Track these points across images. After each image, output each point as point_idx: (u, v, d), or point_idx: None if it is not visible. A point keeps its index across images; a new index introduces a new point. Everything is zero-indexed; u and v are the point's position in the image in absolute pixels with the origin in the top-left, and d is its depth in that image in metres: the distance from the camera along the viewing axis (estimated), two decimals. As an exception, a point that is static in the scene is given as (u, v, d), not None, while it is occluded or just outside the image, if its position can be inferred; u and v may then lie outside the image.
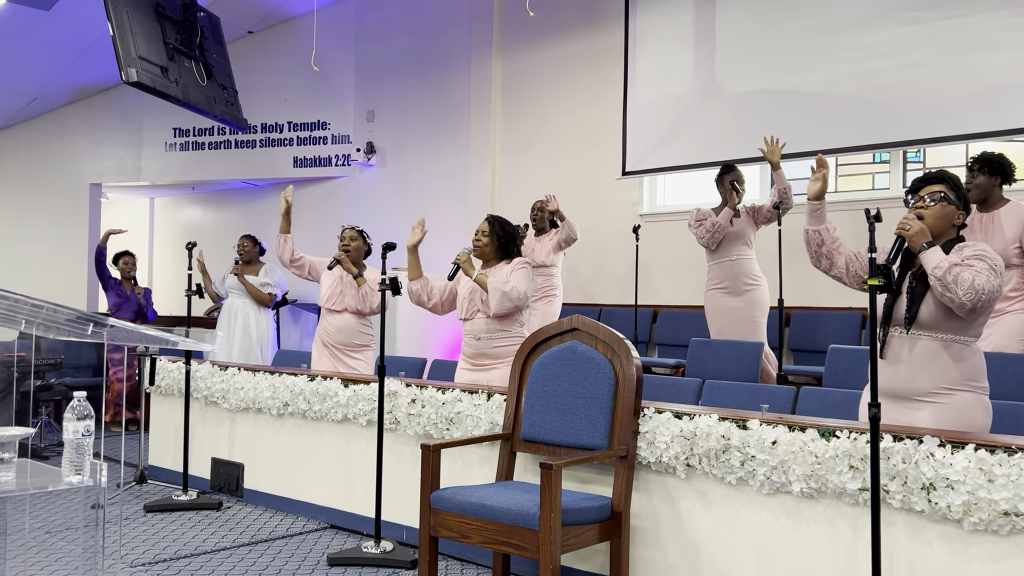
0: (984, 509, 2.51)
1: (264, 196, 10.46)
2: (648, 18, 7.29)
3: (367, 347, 5.29)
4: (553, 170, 7.96)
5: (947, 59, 5.71)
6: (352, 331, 5.21)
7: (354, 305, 5.18)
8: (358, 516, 4.39)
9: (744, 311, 5.52)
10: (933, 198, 2.95)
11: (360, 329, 5.24)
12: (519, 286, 4.20)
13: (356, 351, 5.24)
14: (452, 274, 4.38)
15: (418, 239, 4.45)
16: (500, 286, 4.16)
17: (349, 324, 5.21)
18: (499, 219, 4.44)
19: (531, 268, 4.38)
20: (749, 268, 5.55)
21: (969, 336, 2.89)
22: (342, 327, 5.22)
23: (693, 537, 3.16)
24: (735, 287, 5.56)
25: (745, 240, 5.55)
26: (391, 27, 9.29)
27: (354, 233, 5.29)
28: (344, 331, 5.21)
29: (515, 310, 4.25)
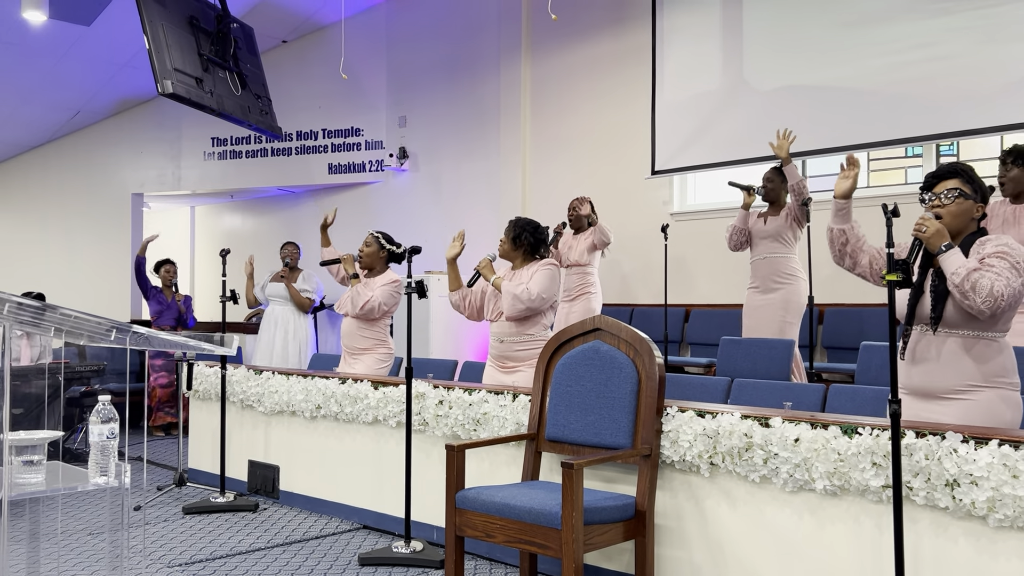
0: (1009, 505, 2.48)
1: (301, 203, 10.61)
2: (675, 17, 7.27)
3: (369, 351, 5.26)
4: (583, 171, 7.98)
5: (978, 50, 5.62)
6: (352, 335, 5.27)
7: (350, 309, 5.23)
8: (389, 516, 4.45)
9: (772, 310, 5.45)
10: (949, 196, 2.89)
11: (359, 333, 5.25)
12: (532, 288, 4.21)
13: (357, 354, 5.29)
14: (472, 281, 4.47)
15: (457, 252, 4.51)
16: (512, 289, 4.21)
17: (349, 328, 5.29)
18: (517, 220, 4.47)
19: (557, 269, 4.39)
20: (780, 266, 5.46)
21: (996, 332, 2.84)
22: (345, 331, 5.32)
23: (718, 535, 3.16)
24: (765, 285, 5.50)
25: (779, 239, 5.46)
26: (421, 33, 9.38)
27: (370, 239, 5.33)
28: (347, 335, 5.31)
29: (528, 312, 4.24)
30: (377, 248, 5.30)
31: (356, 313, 5.16)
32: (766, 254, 5.51)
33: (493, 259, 4.46)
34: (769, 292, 5.47)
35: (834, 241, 3.16)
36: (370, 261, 5.30)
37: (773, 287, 5.46)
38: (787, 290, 5.44)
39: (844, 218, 3.14)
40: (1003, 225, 4.46)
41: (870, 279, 3.15)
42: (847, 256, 3.15)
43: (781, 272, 5.45)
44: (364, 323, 5.25)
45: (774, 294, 5.45)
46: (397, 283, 5.25)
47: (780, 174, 5.49)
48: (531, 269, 4.36)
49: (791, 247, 5.47)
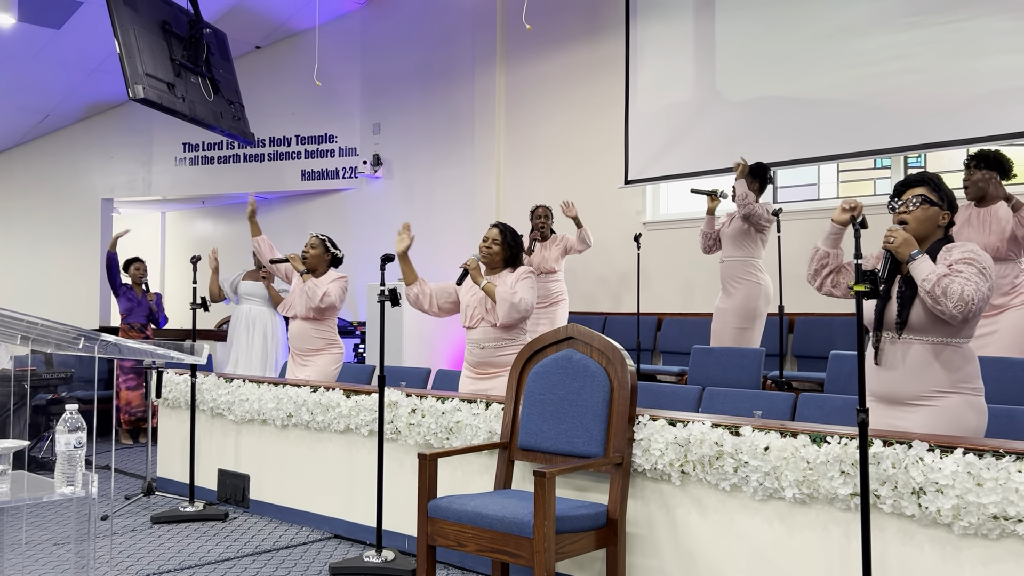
0: (973, 513, 2.52)
1: (273, 209, 10.55)
2: (648, 28, 7.33)
3: (322, 351, 5.30)
4: (557, 179, 8.01)
5: (947, 64, 5.72)
6: (303, 336, 5.28)
7: (302, 310, 5.23)
8: (361, 526, 4.43)
9: (729, 316, 5.56)
10: (915, 201, 2.96)
11: (312, 334, 5.28)
12: (526, 296, 4.25)
13: (309, 355, 5.30)
14: (460, 279, 4.39)
15: (406, 245, 4.46)
16: (508, 297, 4.20)
17: (300, 329, 5.29)
18: (509, 227, 4.47)
19: (535, 277, 4.41)
20: (737, 270, 5.57)
21: (961, 338, 2.89)
22: (295, 333, 5.32)
23: (689, 543, 3.18)
24: (726, 289, 5.64)
25: (739, 242, 5.56)
26: (396, 41, 9.38)
27: (316, 241, 5.37)
28: (297, 337, 5.31)
29: (521, 320, 4.29)
30: (323, 250, 5.35)
31: (315, 306, 5.18)
32: (726, 257, 5.64)
33: (480, 260, 4.40)
34: (729, 296, 5.59)
35: (815, 260, 3.21)
36: (315, 263, 5.33)
37: (731, 290, 5.58)
38: (742, 294, 5.53)
39: (834, 243, 3.19)
40: (966, 227, 4.57)
41: (837, 293, 3.20)
42: (820, 276, 3.20)
43: (738, 276, 5.55)
44: (316, 324, 5.28)
45: (732, 298, 5.56)
46: (344, 279, 5.34)
47: (750, 175, 5.58)
48: (512, 276, 4.34)
49: (750, 250, 5.55)
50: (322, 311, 5.26)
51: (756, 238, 5.55)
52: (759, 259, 5.57)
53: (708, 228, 5.75)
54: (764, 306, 5.55)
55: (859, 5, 6.12)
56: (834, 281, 3.17)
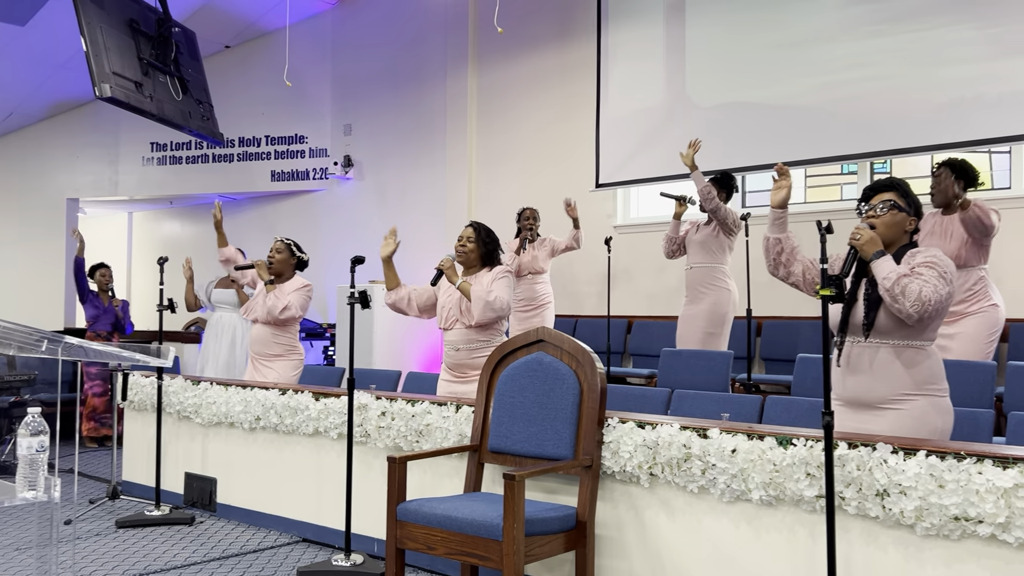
0: (935, 514, 2.56)
1: (243, 210, 10.46)
2: (619, 33, 7.37)
3: (281, 357, 5.27)
4: (529, 182, 8.02)
5: (911, 72, 5.81)
6: (264, 341, 5.25)
7: (262, 315, 5.21)
8: (329, 529, 4.40)
9: (697, 321, 5.62)
10: (884, 207, 3.00)
11: (272, 339, 5.25)
12: (502, 296, 4.19)
13: (269, 360, 5.27)
14: (435, 279, 4.35)
15: (391, 250, 4.42)
16: (484, 295, 4.15)
17: (260, 334, 5.26)
18: (484, 226, 4.43)
19: (512, 277, 4.39)
20: (705, 276, 5.63)
21: (924, 341, 2.94)
22: (256, 337, 5.29)
23: (657, 545, 3.20)
24: (693, 295, 5.68)
25: (707, 248, 5.61)
26: (367, 42, 9.35)
27: (281, 245, 5.34)
28: (257, 341, 5.28)
29: (497, 319, 4.24)
30: (288, 255, 5.33)
31: (275, 318, 5.15)
32: (694, 264, 5.68)
33: (455, 259, 4.35)
34: (696, 302, 5.64)
35: (769, 250, 3.24)
36: (281, 267, 5.31)
37: (699, 296, 5.63)
38: (710, 300, 5.59)
39: (780, 227, 3.21)
40: (930, 235, 4.64)
41: (803, 288, 3.22)
42: (781, 265, 3.22)
43: (706, 282, 5.61)
44: (277, 329, 5.25)
45: (700, 304, 5.62)
46: (308, 287, 5.32)
47: (717, 184, 5.63)
48: (488, 276, 4.30)
49: (718, 257, 5.60)
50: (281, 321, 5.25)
51: (724, 245, 5.61)
52: (726, 266, 5.64)
53: (673, 233, 5.82)
54: (732, 312, 5.62)
55: (827, 14, 6.20)
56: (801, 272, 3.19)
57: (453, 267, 4.29)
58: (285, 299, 5.16)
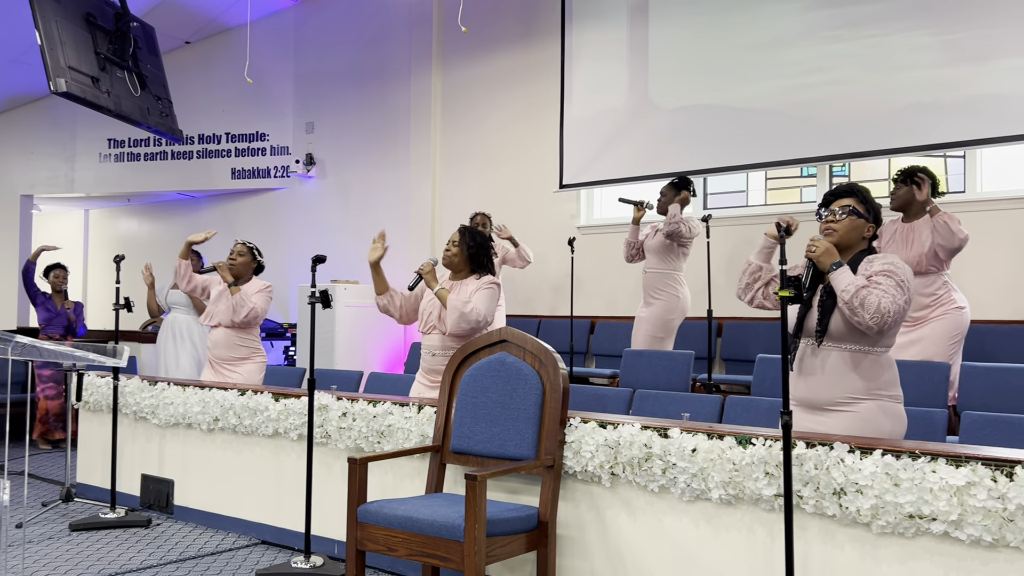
0: (891, 512, 2.60)
1: (202, 208, 10.32)
2: (584, 34, 7.40)
3: (246, 359, 5.24)
4: (493, 182, 8.01)
5: (869, 77, 5.90)
6: (225, 344, 5.20)
7: (226, 318, 5.16)
8: (289, 531, 4.36)
9: (647, 325, 5.70)
10: (843, 211, 3.04)
11: (236, 342, 5.20)
12: (479, 307, 4.06)
13: (233, 364, 5.22)
14: (413, 284, 4.28)
15: (379, 254, 4.31)
16: (459, 305, 4.02)
17: (222, 338, 5.21)
18: (471, 229, 4.32)
19: (498, 289, 4.25)
20: (658, 281, 5.70)
21: (879, 347, 2.98)
22: (217, 341, 5.23)
23: (618, 545, 3.21)
24: (647, 298, 5.77)
25: (661, 253, 5.67)
26: (330, 39, 9.27)
27: (243, 248, 5.30)
28: (219, 345, 5.22)
29: (472, 332, 4.06)
30: (250, 258, 5.30)
31: (241, 321, 5.12)
32: (648, 268, 5.75)
33: (435, 263, 4.27)
34: (648, 306, 5.71)
35: (747, 274, 3.29)
36: (241, 270, 5.26)
37: (651, 300, 5.71)
38: (660, 305, 5.68)
39: (767, 257, 3.28)
40: (892, 242, 4.71)
41: (768, 304, 3.27)
42: (751, 290, 3.28)
43: (659, 287, 5.69)
44: (239, 332, 5.21)
45: (651, 308, 5.70)
46: (270, 288, 5.31)
47: (674, 189, 5.68)
48: (474, 284, 4.20)
49: (673, 262, 5.68)
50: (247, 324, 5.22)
51: (678, 251, 5.69)
52: (680, 272, 5.71)
53: (632, 237, 5.87)
54: (679, 319, 5.73)
55: (787, 18, 6.28)
56: (764, 293, 3.25)
57: (433, 272, 4.19)
58: (250, 301, 5.12)
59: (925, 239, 4.57)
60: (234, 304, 5.10)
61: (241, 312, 5.08)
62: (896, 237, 4.71)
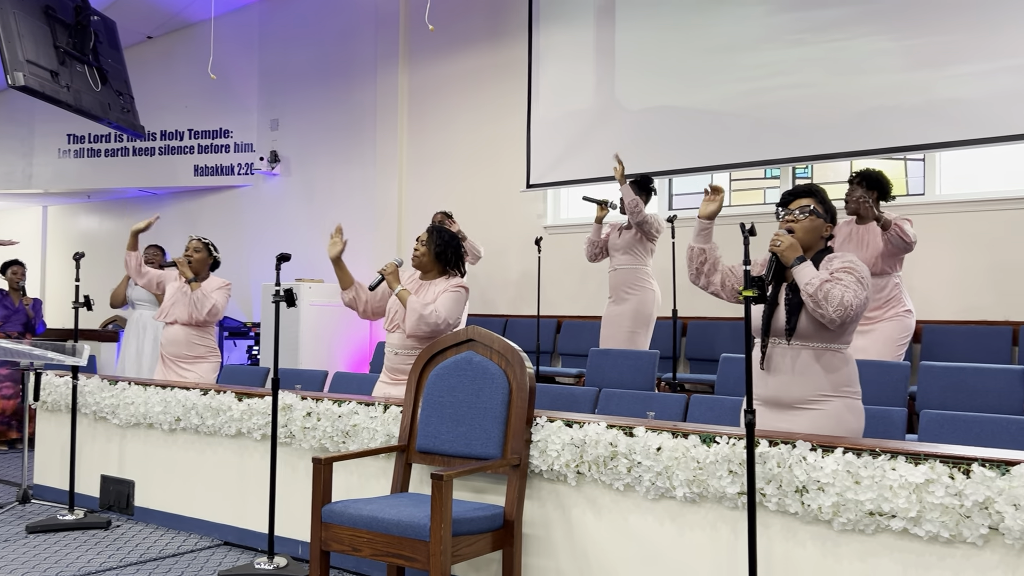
0: (852, 510, 2.64)
1: (164, 205, 10.18)
2: (551, 35, 7.41)
3: (203, 359, 5.23)
4: (460, 181, 8.00)
5: (832, 80, 5.99)
6: (183, 342, 5.18)
7: (184, 315, 5.14)
8: (252, 532, 4.31)
9: (621, 320, 5.72)
10: (803, 211, 3.09)
11: (193, 340, 5.19)
12: (441, 310, 4.02)
13: (189, 362, 5.20)
14: (374, 284, 4.27)
15: (339, 249, 4.29)
16: (419, 308, 3.99)
17: (179, 335, 5.18)
18: (439, 228, 4.29)
19: (465, 293, 4.20)
20: (630, 278, 5.72)
21: (841, 344, 3.03)
22: (172, 339, 5.20)
23: (583, 543, 3.22)
24: (617, 296, 5.78)
25: (630, 251, 5.70)
26: (295, 36, 9.19)
27: (199, 244, 5.28)
28: (175, 343, 5.19)
29: (431, 334, 4.02)
30: (207, 254, 5.28)
31: (202, 318, 5.10)
32: (618, 266, 5.76)
33: (399, 264, 4.24)
34: (621, 303, 5.73)
35: (693, 260, 3.30)
36: (199, 267, 5.25)
37: (624, 297, 5.72)
38: (635, 300, 5.69)
39: (705, 238, 3.29)
40: (847, 243, 4.79)
41: (724, 296, 3.30)
42: (703, 275, 3.30)
43: (631, 283, 5.70)
44: (196, 331, 5.19)
45: (625, 304, 5.71)
46: (229, 285, 5.31)
47: (637, 188, 5.72)
48: (441, 286, 4.18)
49: (642, 259, 5.71)
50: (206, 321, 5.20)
51: (646, 247, 5.72)
52: (649, 267, 5.74)
53: (595, 236, 5.89)
54: (656, 312, 5.74)
55: (751, 22, 6.34)
56: (722, 282, 3.27)
57: (395, 273, 4.16)
58: (211, 298, 5.09)
59: (880, 242, 4.66)
60: (195, 300, 5.07)
61: (203, 308, 5.05)
62: (852, 237, 4.81)
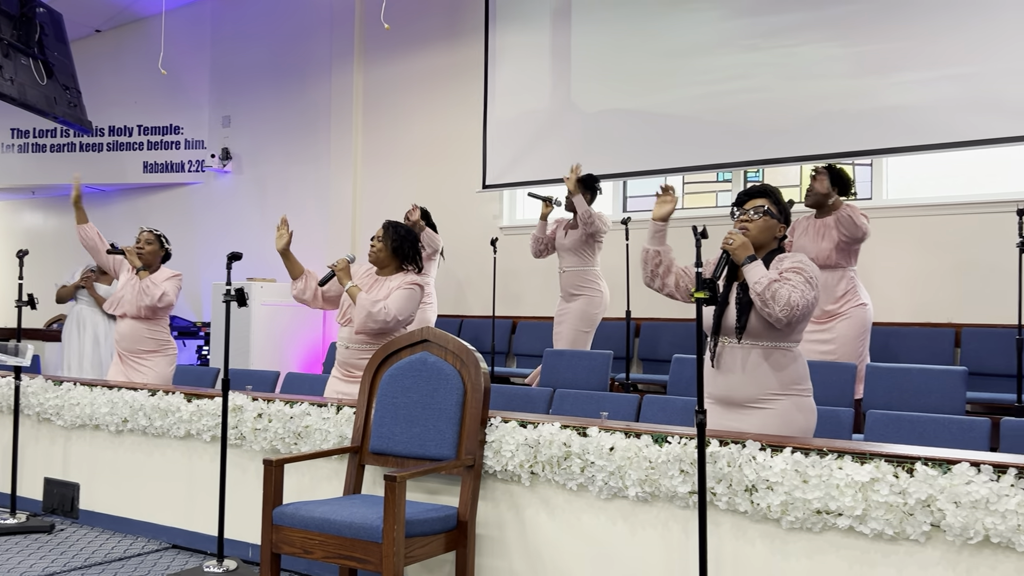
0: (799, 508, 2.68)
1: (112, 202, 9.98)
2: (507, 35, 7.42)
3: (157, 352, 5.17)
4: (415, 181, 7.97)
5: (783, 85, 6.09)
6: (134, 337, 5.11)
7: (132, 308, 5.07)
8: (201, 535, 4.25)
9: (569, 320, 5.77)
10: (757, 211, 3.13)
11: (145, 334, 5.13)
12: (391, 308, 4.00)
13: (143, 356, 5.13)
14: (325, 279, 4.24)
15: (285, 241, 4.27)
16: (367, 305, 3.96)
17: (131, 329, 5.12)
18: (395, 224, 4.26)
19: (419, 290, 4.16)
20: (577, 278, 5.76)
21: (791, 342, 3.08)
22: (125, 333, 5.13)
23: (537, 543, 3.23)
24: (567, 295, 5.84)
25: (578, 252, 5.74)
26: (248, 32, 9.08)
27: (151, 236, 5.22)
28: (127, 337, 5.12)
29: (381, 331, 4.01)
30: (158, 246, 5.23)
31: (152, 304, 5.04)
32: (567, 268, 5.81)
33: (351, 260, 4.21)
34: (570, 301, 5.77)
35: (648, 262, 3.33)
36: (150, 259, 5.19)
37: (573, 297, 5.76)
38: (583, 300, 5.74)
39: (660, 240, 3.31)
40: (804, 235, 4.91)
41: (678, 297, 3.33)
42: (657, 277, 3.32)
43: (578, 284, 5.76)
44: (149, 324, 5.12)
45: (573, 303, 5.76)
46: (179, 276, 5.25)
47: (582, 186, 5.76)
48: (394, 282, 4.16)
49: (589, 260, 5.77)
50: (156, 310, 5.12)
51: (594, 247, 5.77)
52: (597, 267, 5.79)
53: (540, 233, 5.91)
54: (602, 313, 5.81)
55: (705, 26, 6.42)
56: (676, 283, 3.30)
57: (347, 268, 4.14)
58: (160, 286, 5.03)
59: (835, 234, 4.79)
60: (144, 288, 4.98)
61: (153, 294, 4.98)
62: (809, 230, 4.95)
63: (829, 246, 4.81)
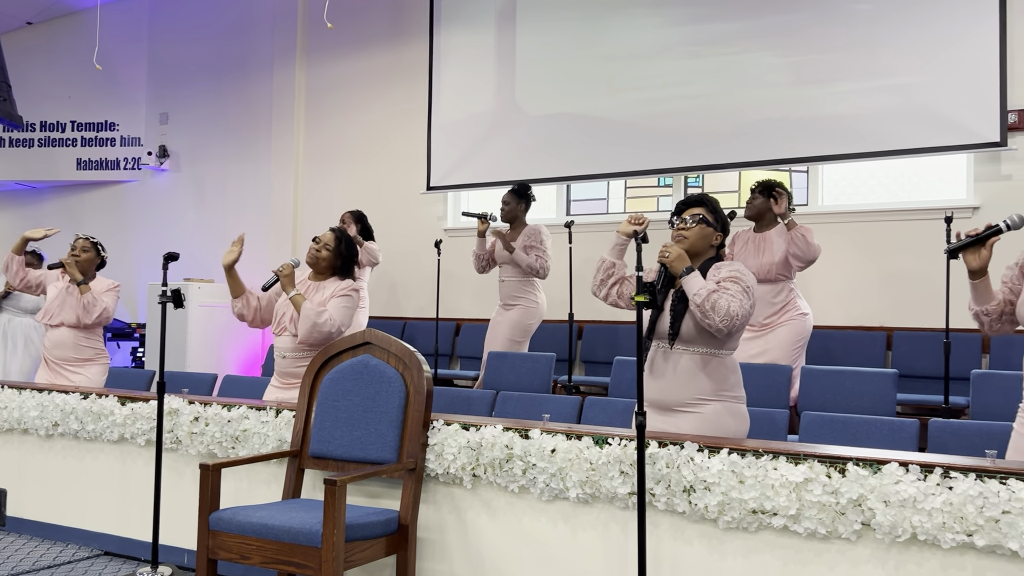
0: (736, 508, 2.73)
1: (43, 199, 9.69)
2: (452, 37, 7.41)
3: (91, 361, 5.09)
4: (359, 181, 7.91)
5: (723, 92, 6.19)
6: (70, 345, 5.02)
7: (72, 318, 4.98)
8: (135, 541, 4.15)
9: (504, 328, 5.80)
10: (694, 219, 3.19)
11: (81, 343, 5.04)
12: (335, 317, 3.99)
13: (77, 365, 5.04)
14: (268, 285, 4.18)
15: (234, 257, 4.18)
16: (313, 316, 3.93)
17: (66, 338, 5.01)
18: (346, 236, 4.24)
19: (356, 295, 4.16)
20: (514, 289, 5.80)
21: (725, 350, 3.15)
22: (59, 341, 5.02)
23: (478, 546, 3.23)
24: (505, 304, 5.88)
25: (515, 262, 5.75)
26: (188, 27, 8.90)
27: (87, 244, 5.12)
28: (61, 345, 5.02)
29: (324, 342, 3.97)
30: (94, 254, 5.13)
31: (92, 321, 4.96)
32: (505, 278, 5.85)
33: (296, 265, 4.15)
34: (507, 309, 5.81)
35: (601, 270, 3.39)
36: (85, 267, 5.08)
37: (509, 307, 5.81)
38: (518, 311, 5.79)
39: (619, 254, 3.40)
40: (744, 249, 4.98)
41: (622, 304, 3.39)
42: (606, 286, 3.39)
43: (515, 295, 5.81)
44: (84, 333, 5.03)
45: (509, 313, 5.80)
46: (118, 287, 5.18)
47: (516, 196, 5.78)
48: (331, 288, 4.12)
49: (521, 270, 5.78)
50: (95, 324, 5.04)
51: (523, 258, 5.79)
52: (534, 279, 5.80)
53: (480, 250, 5.90)
54: (537, 323, 5.84)
55: (646, 33, 6.50)
56: (619, 292, 3.37)
57: (291, 275, 4.08)
58: (101, 301, 4.94)
59: (777, 248, 4.86)
60: (85, 304, 4.89)
61: (93, 312, 4.90)
62: (748, 245, 4.99)
63: (771, 260, 4.86)
